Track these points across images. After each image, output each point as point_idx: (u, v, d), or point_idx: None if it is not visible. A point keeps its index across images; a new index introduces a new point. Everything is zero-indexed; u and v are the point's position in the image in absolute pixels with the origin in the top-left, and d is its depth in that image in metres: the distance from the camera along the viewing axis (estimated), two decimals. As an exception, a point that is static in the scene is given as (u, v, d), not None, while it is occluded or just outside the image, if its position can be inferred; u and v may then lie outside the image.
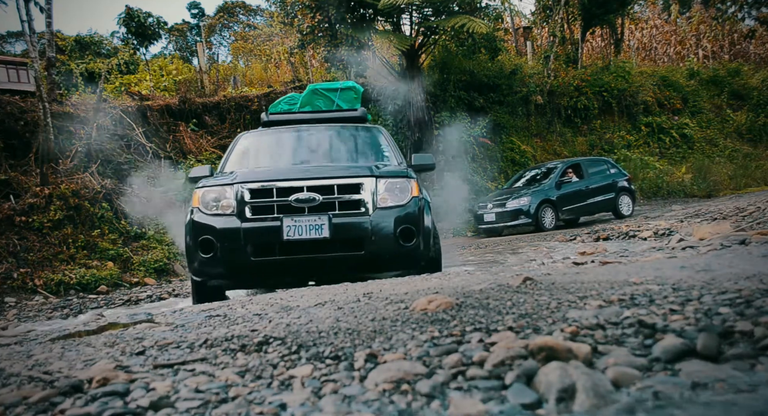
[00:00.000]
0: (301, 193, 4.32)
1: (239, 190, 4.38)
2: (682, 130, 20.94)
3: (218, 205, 4.39)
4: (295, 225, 4.22)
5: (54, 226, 11.43)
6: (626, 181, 13.88)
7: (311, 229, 4.23)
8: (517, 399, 0.92)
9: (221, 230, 4.26)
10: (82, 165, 13.02)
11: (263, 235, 4.23)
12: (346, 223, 4.27)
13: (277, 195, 4.34)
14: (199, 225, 4.35)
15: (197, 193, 4.52)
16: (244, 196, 4.34)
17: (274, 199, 4.33)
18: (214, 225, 4.30)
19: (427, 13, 16.76)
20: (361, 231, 4.26)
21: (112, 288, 10.32)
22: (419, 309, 1.60)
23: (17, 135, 12.84)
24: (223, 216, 4.33)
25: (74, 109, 14.02)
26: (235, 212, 4.33)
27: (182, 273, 11.72)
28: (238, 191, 4.37)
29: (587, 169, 13.67)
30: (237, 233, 4.23)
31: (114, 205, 12.49)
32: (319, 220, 4.24)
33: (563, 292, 1.62)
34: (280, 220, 4.23)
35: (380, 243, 4.27)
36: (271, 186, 4.38)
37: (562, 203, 12.85)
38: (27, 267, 10.43)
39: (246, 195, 4.34)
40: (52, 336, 2.62)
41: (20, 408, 1.12)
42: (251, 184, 4.39)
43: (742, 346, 1.01)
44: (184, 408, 1.03)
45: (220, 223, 4.30)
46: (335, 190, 4.37)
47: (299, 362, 1.25)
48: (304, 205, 4.30)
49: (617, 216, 13.53)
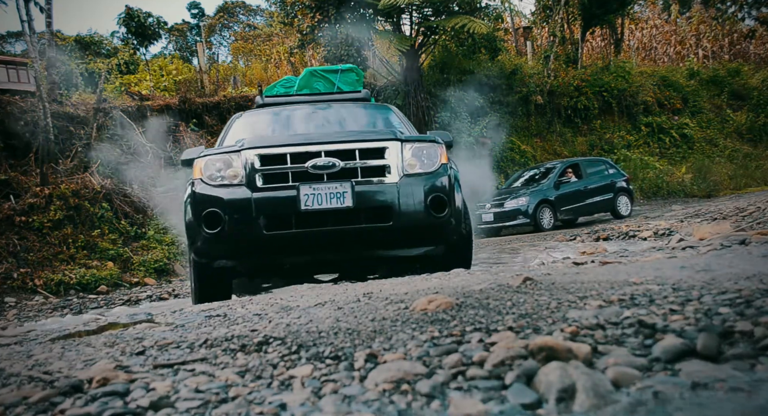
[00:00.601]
0: (318, 159, 3.85)
1: (248, 157, 3.90)
2: (682, 130, 20.95)
3: (224, 175, 3.92)
4: (314, 193, 3.75)
5: (54, 226, 11.43)
6: (624, 181, 13.89)
7: (332, 198, 3.77)
8: (517, 399, 0.92)
9: (229, 201, 3.79)
10: (82, 165, 13.02)
11: (278, 206, 3.78)
12: (371, 191, 3.84)
13: (292, 161, 3.88)
14: (203, 198, 3.88)
15: (199, 162, 4.04)
16: (254, 164, 3.87)
17: (289, 165, 3.86)
18: (220, 197, 3.83)
19: (427, 13, 16.77)
20: (388, 200, 3.82)
21: (112, 288, 10.32)
22: (419, 309, 1.60)
23: (17, 135, 12.84)
24: (230, 187, 3.87)
25: (74, 109, 14.02)
26: (244, 181, 3.86)
27: (182, 273, 11.72)
28: (248, 158, 3.90)
29: (586, 169, 13.67)
30: (247, 204, 3.77)
31: (114, 205, 12.49)
32: (340, 188, 3.77)
33: (563, 292, 1.62)
34: (296, 189, 3.76)
35: (409, 214, 3.83)
36: (284, 151, 3.91)
37: (560, 203, 12.85)
38: (27, 267, 10.43)
39: (256, 162, 3.87)
40: (52, 336, 2.62)
41: (20, 408, 1.12)
42: (262, 150, 3.92)
43: (742, 346, 1.01)
44: (184, 408, 1.03)
45: (228, 194, 3.83)
46: (356, 155, 3.91)
47: (299, 362, 1.25)
48: (323, 172, 3.83)
49: (615, 216, 13.53)
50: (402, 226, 3.83)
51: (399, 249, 4.04)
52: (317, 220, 3.78)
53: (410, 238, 3.97)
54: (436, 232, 3.99)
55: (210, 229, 3.79)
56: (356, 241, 3.90)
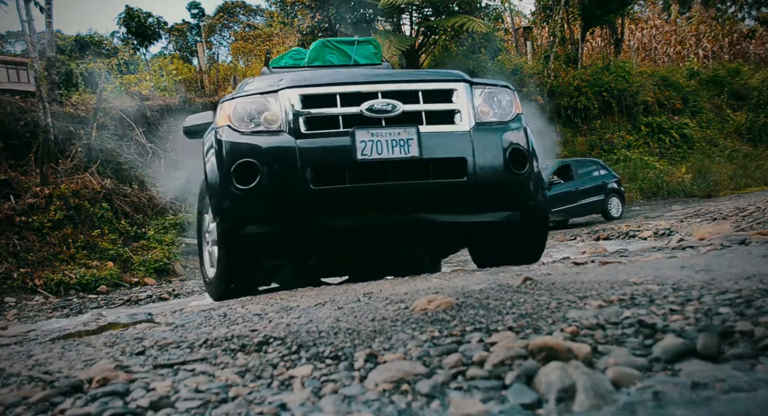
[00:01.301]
0: (375, 100, 3.24)
1: (289, 98, 3.27)
2: (682, 130, 20.95)
3: (259, 120, 3.29)
4: (373, 140, 3.14)
5: (54, 226, 11.43)
6: (616, 182, 13.83)
7: (394, 146, 3.16)
8: (517, 399, 0.92)
9: (268, 150, 3.18)
10: (82, 165, 13.03)
11: (328, 155, 3.18)
12: (440, 139, 3.23)
13: (343, 103, 3.25)
14: (234, 147, 3.24)
15: (227, 106, 3.38)
16: (297, 106, 3.25)
17: (339, 108, 3.24)
18: (256, 145, 3.20)
19: (427, 13, 16.77)
20: (461, 151, 3.23)
21: (112, 288, 10.32)
22: (419, 309, 1.60)
23: (17, 135, 12.84)
24: (267, 134, 3.24)
25: (74, 109, 14.02)
26: (284, 127, 3.23)
27: (182, 273, 11.72)
28: (288, 100, 3.27)
29: (577, 170, 13.63)
30: (291, 153, 3.14)
31: (114, 205, 12.49)
32: (404, 134, 3.17)
33: (563, 292, 1.62)
34: (350, 135, 3.14)
35: (486, 168, 3.25)
36: (333, 91, 3.29)
37: (551, 204, 12.83)
38: (27, 267, 10.43)
39: (298, 104, 3.25)
40: (52, 336, 2.62)
41: (20, 408, 1.12)
42: (306, 89, 3.30)
43: (742, 346, 1.01)
44: (184, 408, 1.03)
45: (266, 142, 3.21)
46: (420, 96, 3.31)
47: (299, 362, 1.25)
48: (381, 116, 3.22)
49: (606, 217, 13.48)
50: (478, 183, 3.23)
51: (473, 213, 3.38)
52: (375, 173, 3.17)
53: (486, 199, 3.34)
54: (515, 194, 3.42)
55: (242, 185, 3.16)
56: (423, 200, 3.27)
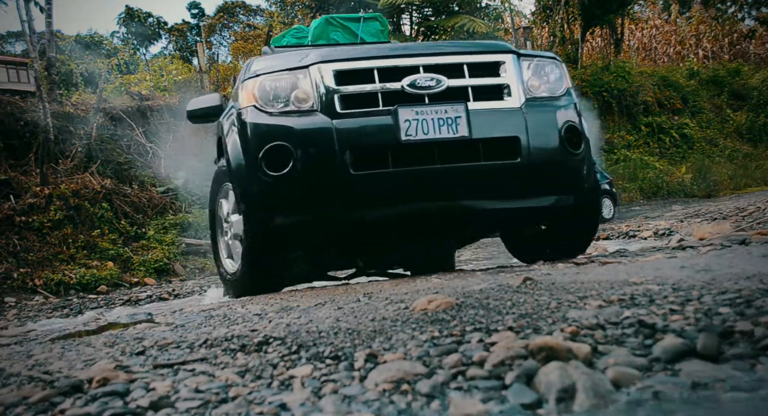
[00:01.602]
0: (417, 75, 2.95)
1: (321, 74, 2.96)
2: (682, 130, 20.95)
3: (289, 99, 2.98)
4: (418, 119, 2.85)
5: (54, 226, 11.43)
6: (608, 183, 13.78)
7: (441, 125, 2.86)
8: (517, 399, 0.92)
9: (302, 132, 2.89)
10: (82, 165, 13.02)
11: (369, 136, 2.89)
12: (491, 117, 2.96)
13: (381, 78, 2.96)
14: (263, 130, 2.94)
15: (251, 85, 3.06)
16: (330, 83, 2.95)
17: (377, 84, 2.95)
18: (289, 127, 2.90)
19: (427, 13, 16.77)
20: (514, 129, 2.96)
21: (112, 288, 10.32)
22: (419, 309, 1.60)
23: (17, 135, 12.84)
24: (298, 114, 2.94)
25: (74, 109, 14.02)
26: (317, 106, 2.94)
27: (182, 273, 11.72)
28: (320, 76, 2.96)
29: None
30: (327, 135, 2.85)
31: (114, 205, 12.48)
32: (451, 111, 2.87)
33: (563, 292, 1.62)
34: (393, 113, 2.85)
35: (541, 148, 2.99)
36: (370, 65, 2.98)
37: None
38: (27, 267, 10.43)
39: (331, 80, 2.95)
40: (52, 336, 2.62)
41: (20, 408, 1.12)
42: (340, 64, 2.99)
43: (742, 346, 1.01)
44: (184, 408, 1.03)
45: (299, 123, 2.92)
46: (465, 70, 3.02)
47: (299, 362, 1.25)
48: (424, 92, 2.93)
49: None
50: (532, 164, 2.96)
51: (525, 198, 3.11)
52: (421, 156, 2.89)
53: (541, 181, 3.06)
54: (570, 176, 3.15)
55: (273, 171, 2.87)
56: (472, 185, 2.98)
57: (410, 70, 2.99)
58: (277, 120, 2.96)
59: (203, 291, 7.17)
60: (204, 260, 12.54)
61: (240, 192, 3.11)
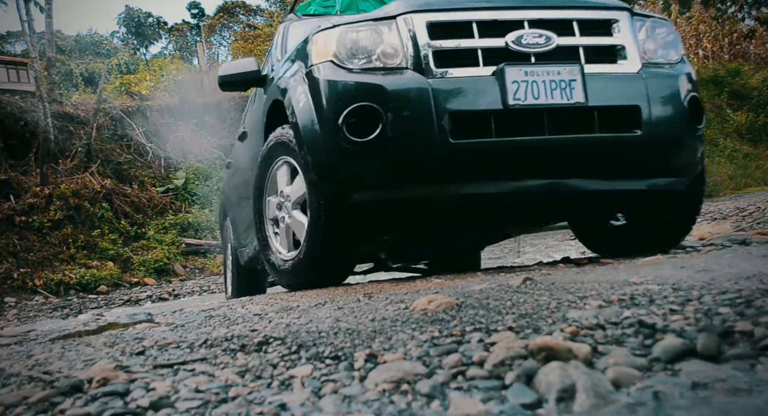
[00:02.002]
0: (523, 30, 2.57)
1: (412, 26, 2.57)
2: (682, 130, 20.91)
3: (373, 54, 2.59)
4: (527, 80, 2.47)
5: (54, 226, 11.43)
6: None
7: (554, 89, 2.48)
8: (517, 399, 0.92)
9: (394, 92, 2.50)
10: (82, 165, 13.03)
11: (471, 99, 2.50)
12: (607, 80, 2.58)
13: (482, 33, 2.57)
14: (345, 89, 2.56)
15: (327, 38, 2.66)
16: (422, 37, 2.55)
17: (477, 39, 2.56)
18: (378, 85, 2.52)
19: None
20: (634, 96, 2.58)
21: (112, 288, 10.32)
22: (419, 309, 1.60)
23: (17, 135, 12.85)
24: (385, 72, 2.56)
25: (74, 109, 14.03)
26: (407, 63, 2.55)
27: (182, 273, 11.72)
28: (411, 28, 2.57)
29: None
30: (424, 97, 2.46)
31: (114, 205, 12.48)
32: (565, 73, 2.50)
33: (563, 292, 1.62)
34: (498, 73, 2.48)
35: (664, 120, 2.59)
36: (468, 17, 2.59)
37: None
38: (27, 267, 10.43)
39: (424, 34, 2.55)
40: (52, 336, 2.62)
41: (20, 408, 1.12)
42: (434, 15, 2.59)
43: (742, 346, 1.01)
44: (184, 408, 1.04)
45: (390, 82, 2.52)
46: (575, 27, 2.65)
47: (299, 362, 1.26)
48: (530, 51, 2.56)
49: None
50: (653, 138, 2.58)
51: (640, 177, 2.73)
52: (529, 124, 2.50)
53: (659, 159, 2.68)
54: (690, 154, 2.76)
55: (357, 136, 2.48)
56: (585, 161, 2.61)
57: (514, 25, 2.59)
58: (362, 77, 2.56)
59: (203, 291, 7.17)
60: (204, 260, 12.54)
61: (312, 161, 2.66)
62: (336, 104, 2.55)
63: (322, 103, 2.60)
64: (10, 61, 15.10)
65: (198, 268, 12.23)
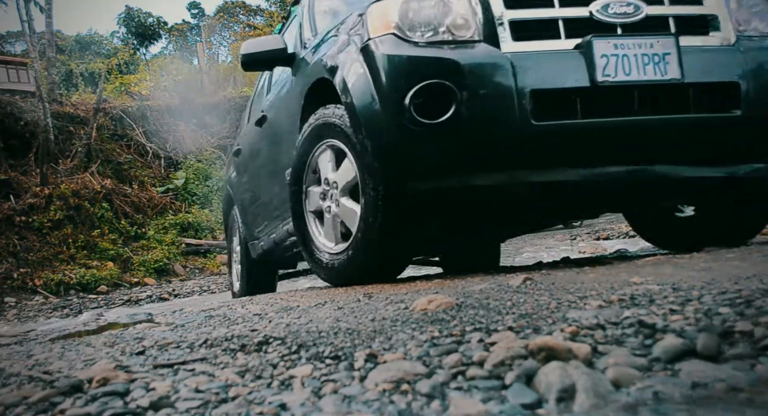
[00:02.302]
0: None
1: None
2: (682, 130, 20.95)
3: (439, 26, 2.34)
4: (617, 54, 2.23)
5: (54, 226, 11.43)
6: None
7: (647, 63, 2.24)
8: (517, 399, 0.92)
9: (470, 67, 2.24)
10: (82, 165, 13.03)
11: (556, 75, 2.26)
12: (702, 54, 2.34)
13: (562, 2, 2.34)
14: (411, 64, 2.31)
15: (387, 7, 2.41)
16: (496, 6, 2.32)
17: (558, 8, 2.33)
18: (450, 60, 2.26)
19: None
20: (732, 71, 2.34)
21: (112, 288, 10.32)
22: (419, 309, 1.60)
23: (17, 135, 12.85)
24: (455, 45, 2.30)
25: (74, 109, 14.03)
26: (480, 35, 2.31)
27: (182, 274, 11.72)
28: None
29: None
30: (503, 73, 2.23)
31: (114, 205, 12.49)
32: (658, 46, 2.26)
33: (563, 292, 1.62)
34: (585, 46, 2.25)
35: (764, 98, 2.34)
36: None
37: None
38: (27, 267, 10.43)
39: (498, 3, 2.33)
40: (52, 336, 2.63)
41: (20, 408, 1.12)
42: None
43: (742, 346, 1.01)
44: (184, 408, 1.04)
45: (463, 56, 2.27)
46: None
47: (299, 362, 1.26)
48: (618, 21, 2.31)
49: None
50: (754, 119, 2.33)
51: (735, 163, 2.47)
52: (619, 103, 2.28)
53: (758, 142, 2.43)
54: None
55: (427, 117, 2.24)
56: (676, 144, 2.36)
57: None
58: (431, 52, 2.30)
59: (203, 291, 7.17)
60: (204, 260, 12.55)
61: (371, 145, 2.39)
62: (401, 82, 2.29)
63: (385, 80, 2.34)
64: (10, 61, 15.10)
65: (198, 268, 12.23)
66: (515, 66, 2.23)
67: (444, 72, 2.24)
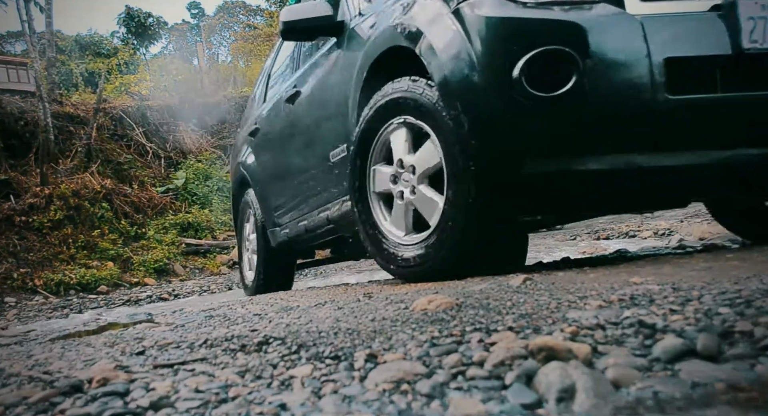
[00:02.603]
0: None
1: None
2: (682, 130, 20.95)
3: None
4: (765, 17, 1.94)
5: (54, 226, 11.43)
6: None
7: None
8: (517, 399, 0.92)
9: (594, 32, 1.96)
10: (82, 165, 13.03)
11: (693, 41, 1.97)
12: None
13: None
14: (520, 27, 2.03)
15: None
16: None
17: None
18: (571, 22, 1.97)
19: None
20: None
21: (112, 288, 10.32)
22: (419, 309, 1.60)
23: (17, 135, 12.85)
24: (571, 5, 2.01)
25: (74, 109, 14.03)
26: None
27: (182, 274, 11.72)
28: None
29: None
30: (634, 38, 1.94)
31: (114, 205, 12.49)
32: None
33: (563, 292, 1.62)
34: (729, 8, 1.95)
35: None
36: None
37: None
38: (27, 267, 10.43)
39: None
40: (52, 336, 2.63)
41: (20, 408, 1.12)
42: None
43: (742, 346, 1.01)
44: (184, 408, 1.04)
45: (585, 18, 1.97)
46: None
47: (299, 362, 1.26)
48: None
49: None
50: None
51: None
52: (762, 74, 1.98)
53: None
54: None
55: (542, 90, 1.97)
56: None
57: None
58: (545, 14, 2.00)
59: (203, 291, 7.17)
60: (204, 260, 12.55)
61: (471, 122, 2.10)
62: (510, 49, 1.99)
63: (488, 48, 2.05)
64: (10, 61, 15.10)
65: (198, 268, 12.23)
66: (648, 32, 1.93)
67: (563, 37, 1.95)
